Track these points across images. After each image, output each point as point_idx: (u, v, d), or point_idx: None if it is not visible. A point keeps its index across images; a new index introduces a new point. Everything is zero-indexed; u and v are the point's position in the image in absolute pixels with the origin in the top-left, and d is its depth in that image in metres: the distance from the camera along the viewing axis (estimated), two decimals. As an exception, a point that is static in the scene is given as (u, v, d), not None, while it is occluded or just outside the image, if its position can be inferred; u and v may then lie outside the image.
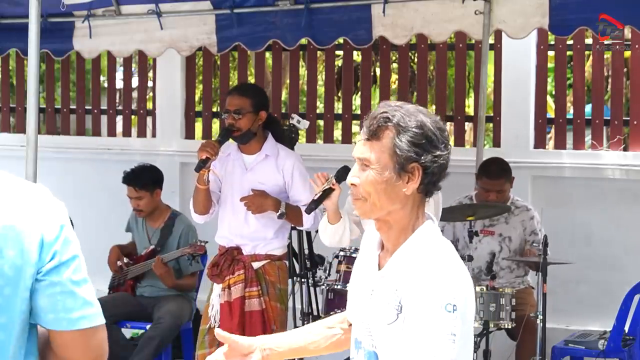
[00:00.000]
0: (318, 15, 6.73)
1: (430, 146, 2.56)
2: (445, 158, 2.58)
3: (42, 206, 2.18)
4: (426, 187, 2.60)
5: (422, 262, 2.53)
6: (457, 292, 2.49)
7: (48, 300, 2.14)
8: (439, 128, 2.59)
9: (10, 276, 2.10)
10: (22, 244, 2.12)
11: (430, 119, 2.60)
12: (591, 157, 7.58)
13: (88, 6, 6.90)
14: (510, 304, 5.99)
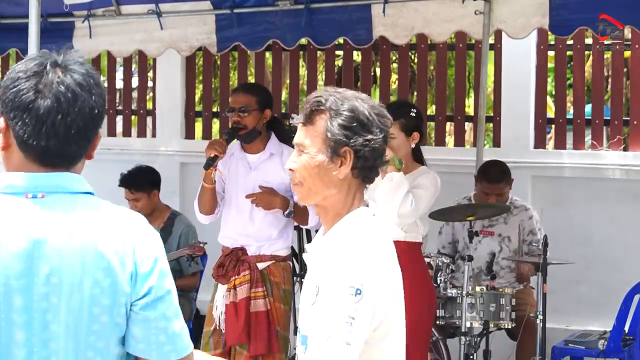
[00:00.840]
0: (318, 15, 6.73)
1: (362, 130, 2.58)
2: (378, 142, 2.59)
3: (136, 235, 2.18)
4: (361, 172, 2.61)
5: (337, 246, 2.56)
6: (364, 276, 2.48)
7: (141, 332, 2.16)
8: (376, 113, 2.63)
9: (106, 305, 2.11)
10: (115, 273, 2.12)
11: (367, 104, 2.63)
12: (591, 157, 7.58)
13: (88, 6, 6.90)
14: (510, 304, 5.99)
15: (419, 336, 5.32)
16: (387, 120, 2.64)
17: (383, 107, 2.66)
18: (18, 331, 2.07)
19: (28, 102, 2.11)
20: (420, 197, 5.20)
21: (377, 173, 2.65)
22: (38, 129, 2.10)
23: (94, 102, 2.21)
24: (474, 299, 5.87)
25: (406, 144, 5.27)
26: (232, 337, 5.37)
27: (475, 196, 6.67)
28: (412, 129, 5.27)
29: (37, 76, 2.14)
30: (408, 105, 5.45)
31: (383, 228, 2.64)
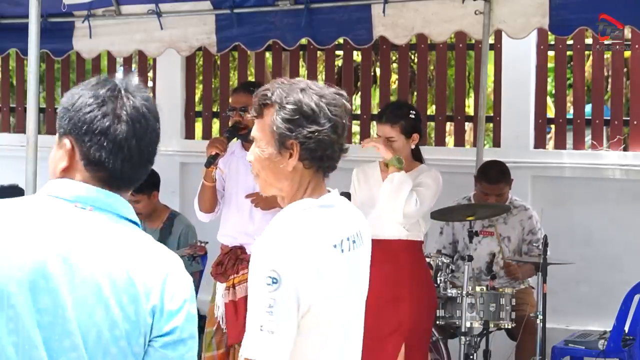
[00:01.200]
0: (318, 15, 6.73)
1: (305, 122, 2.60)
2: (324, 133, 2.61)
3: (170, 272, 2.17)
4: (312, 163, 2.64)
5: (260, 237, 2.61)
6: (281, 264, 2.49)
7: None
8: (327, 103, 2.64)
9: (126, 329, 2.10)
10: (140, 302, 2.11)
11: (316, 94, 2.64)
12: (591, 157, 7.58)
13: (88, 6, 6.90)
14: (510, 304, 5.99)
15: (420, 335, 5.33)
16: (340, 109, 2.67)
17: (339, 95, 2.69)
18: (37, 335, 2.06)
19: (106, 127, 2.16)
20: (424, 195, 5.21)
21: (333, 161, 2.67)
22: (115, 152, 2.15)
23: (158, 126, 2.25)
24: (474, 299, 5.87)
25: (406, 146, 5.29)
26: (232, 336, 5.37)
27: (475, 196, 6.67)
28: (412, 130, 5.28)
29: (112, 102, 2.20)
30: (406, 107, 5.45)
31: (326, 216, 2.64)
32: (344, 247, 2.63)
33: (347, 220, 2.69)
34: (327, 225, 2.62)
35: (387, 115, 5.31)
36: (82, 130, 2.17)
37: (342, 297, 2.61)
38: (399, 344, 5.23)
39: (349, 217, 2.71)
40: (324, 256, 2.57)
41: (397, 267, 5.25)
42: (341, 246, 2.61)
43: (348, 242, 2.64)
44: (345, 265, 2.62)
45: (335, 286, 2.59)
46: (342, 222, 2.66)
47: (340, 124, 2.66)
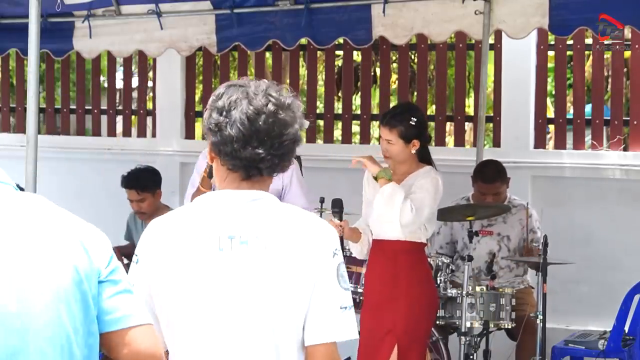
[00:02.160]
0: (318, 15, 6.73)
1: (215, 113, 2.61)
2: (225, 126, 2.58)
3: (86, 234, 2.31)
4: (223, 159, 2.63)
5: None
6: (142, 245, 2.66)
7: (112, 301, 2.26)
8: (234, 101, 2.59)
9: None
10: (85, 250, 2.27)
11: (237, 93, 2.61)
12: (591, 157, 7.58)
13: (88, 6, 6.90)
14: (510, 304, 5.99)
15: (415, 337, 5.31)
16: (254, 110, 2.58)
17: (270, 99, 2.60)
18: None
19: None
20: (420, 201, 5.19)
21: (239, 162, 2.60)
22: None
23: None
24: (474, 299, 5.87)
25: (405, 151, 5.28)
26: None
27: (473, 196, 6.68)
28: (412, 137, 5.26)
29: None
30: (409, 112, 5.36)
31: (211, 211, 2.62)
32: (221, 245, 2.57)
33: (238, 219, 2.59)
34: (203, 218, 2.61)
35: (388, 119, 5.31)
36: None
37: (204, 292, 2.57)
38: (392, 345, 5.23)
39: (244, 217, 2.59)
40: (181, 246, 2.59)
41: (395, 268, 5.26)
42: (219, 243, 2.57)
43: (230, 241, 2.57)
44: (218, 262, 2.57)
45: (193, 278, 2.57)
46: (226, 219, 2.59)
47: (248, 124, 2.56)
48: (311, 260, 2.57)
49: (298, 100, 2.66)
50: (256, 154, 2.57)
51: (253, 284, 2.56)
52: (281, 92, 2.63)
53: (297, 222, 2.62)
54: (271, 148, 2.58)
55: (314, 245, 2.59)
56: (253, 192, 2.62)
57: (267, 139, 2.57)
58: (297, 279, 2.56)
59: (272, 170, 2.64)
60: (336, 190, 7.29)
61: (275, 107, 2.58)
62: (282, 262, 2.57)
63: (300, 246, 2.58)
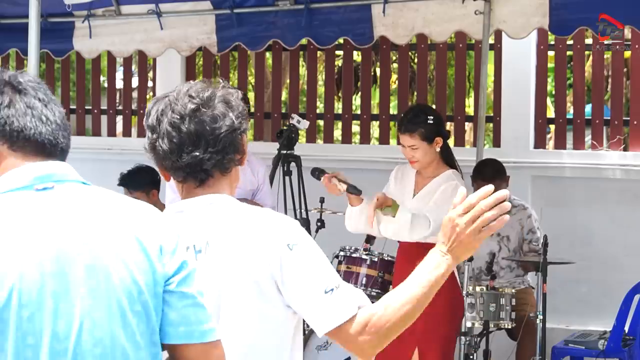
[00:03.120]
0: (318, 15, 6.73)
1: (149, 132, 2.55)
2: (157, 143, 2.51)
3: (153, 220, 2.14)
4: (171, 173, 2.57)
5: None
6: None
7: (179, 313, 2.09)
8: (160, 114, 2.52)
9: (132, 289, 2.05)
10: (149, 264, 2.07)
11: (161, 105, 2.55)
12: (591, 157, 7.58)
13: (88, 6, 6.90)
14: (510, 304, 5.99)
15: (434, 340, 5.26)
16: (177, 116, 2.50)
17: (192, 101, 2.51)
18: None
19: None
20: (437, 213, 5.11)
21: (182, 172, 2.52)
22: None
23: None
24: (474, 299, 5.87)
25: (430, 151, 5.25)
26: None
27: (474, 196, 6.67)
28: (434, 135, 5.25)
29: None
30: (423, 113, 5.35)
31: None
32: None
33: (194, 228, 2.51)
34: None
35: (405, 124, 5.27)
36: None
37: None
38: (413, 347, 5.22)
39: (199, 224, 2.51)
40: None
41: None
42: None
43: (190, 250, 2.47)
44: None
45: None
46: (185, 230, 2.44)
47: (176, 132, 2.48)
48: (262, 260, 2.48)
49: (230, 90, 2.56)
50: (194, 157, 2.49)
51: (216, 289, 2.47)
52: (203, 87, 2.53)
53: (248, 221, 2.53)
54: (208, 146, 2.49)
55: (262, 244, 2.49)
56: (207, 197, 2.54)
57: (198, 140, 2.49)
58: (255, 275, 2.48)
59: (222, 166, 2.54)
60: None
61: (195, 106, 2.49)
62: (233, 267, 2.48)
63: (248, 248, 2.49)
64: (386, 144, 8.38)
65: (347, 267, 6.17)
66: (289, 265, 2.48)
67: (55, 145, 2.18)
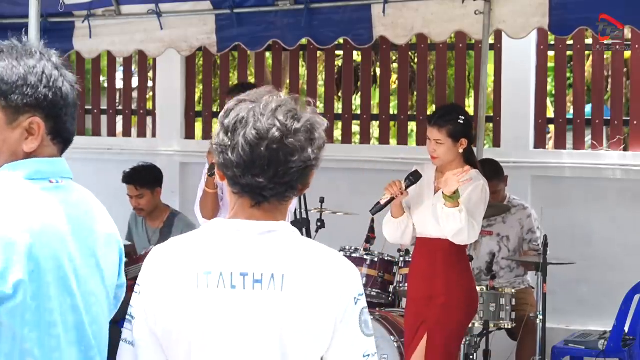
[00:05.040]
0: (318, 15, 6.73)
1: (222, 132, 2.40)
2: (228, 150, 2.36)
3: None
4: (229, 182, 2.43)
5: None
6: (142, 274, 2.37)
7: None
8: (240, 121, 2.37)
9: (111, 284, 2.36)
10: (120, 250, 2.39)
11: (244, 112, 2.42)
12: (591, 157, 7.58)
13: (88, 6, 6.90)
14: (510, 304, 5.99)
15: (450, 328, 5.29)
16: (256, 134, 2.33)
17: (274, 123, 2.34)
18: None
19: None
20: (475, 214, 5.20)
21: (240, 188, 2.37)
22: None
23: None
24: (474, 299, 5.87)
25: (453, 150, 5.28)
26: None
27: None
28: (460, 135, 5.27)
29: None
30: (456, 112, 5.41)
31: (220, 240, 2.38)
32: (230, 281, 2.33)
33: (253, 254, 2.35)
34: (212, 249, 2.36)
35: (436, 118, 5.33)
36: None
37: (216, 332, 2.32)
38: (423, 333, 5.26)
39: (261, 252, 2.35)
40: (181, 278, 2.34)
41: (433, 265, 5.27)
42: (221, 277, 2.33)
43: (242, 278, 2.33)
44: (231, 300, 2.32)
45: (182, 313, 2.32)
46: (240, 253, 2.34)
47: (249, 150, 2.32)
48: (331, 308, 2.33)
49: (317, 119, 2.38)
50: (257, 183, 2.33)
51: (268, 327, 2.32)
52: (292, 113, 2.35)
53: (317, 262, 2.36)
54: (275, 177, 2.32)
55: (335, 291, 2.33)
56: (266, 224, 2.36)
57: (268, 168, 2.31)
58: (314, 325, 2.32)
59: (281, 197, 2.37)
60: (336, 190, 7.31)
61: (280, 134, 2.31)
62: (299, 307, 2.32)
63: (320, 291, 2.33)
64: (386, 144, 8.37)
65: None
66: (349, 318, 2.35)
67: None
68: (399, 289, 6.16)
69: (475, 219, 5.19)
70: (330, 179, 7.64)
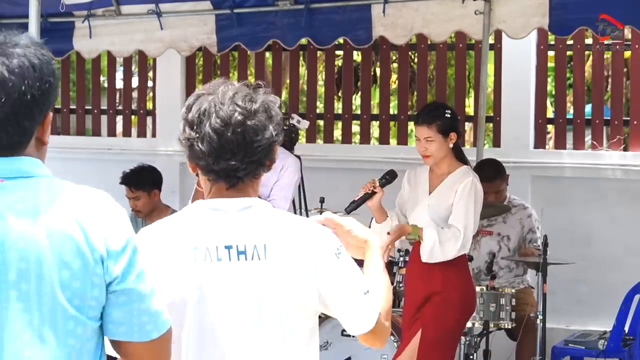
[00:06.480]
0: (318, 15, 6.73)
1: (187, 127, 2.56)
2: (196, 142, 2.52)
3: (105, 214, 2.14)
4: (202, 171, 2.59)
5: None
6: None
7: (121, 314, 2.13)
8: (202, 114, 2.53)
9: (77, 288, 2.08)
10: (85, 255, 2.08)
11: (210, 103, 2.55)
12: (591, 157, 7.58)
13: (88, 6, 6.90)
14: (510, 304, 5.99)
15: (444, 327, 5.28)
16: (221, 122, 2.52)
17: (237, 109, 2.53)
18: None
19: None
20: (466, 216, 5.18)
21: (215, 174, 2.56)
22: None
23: (27, 87, 2.12)
24: (474, 299, 5.87)
25: (444, 145, 5.29)
26: None
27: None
28: (449, 129, 5.29)
29: None
30: (442, 107, 5.46)
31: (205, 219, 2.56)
32: (215, 254, 2.52)
33: (234, 228, 2.54)
34: (196, 227, 2.55)
35: (424, 116, 5.34)
36: None
37: (189, 302, 2.51)
38: (418, 328, 5.27)
39: (242, 226, 2.54)
40: (171, 254, 2.52)
41: (431, 266, 5.27)
42: (207, 251, 2.52)
43: (227, 250, 2.52)
44: (218, 272, 2.51)
45: (176, 287, 2.51)
46: (222, 228, 2.54)
47: (216, 138, 2.50)
48: (314, 267, 2.53)
49: (271, 98, 2.59)
50: (230, 166, 2.53)
51: (256, 295, 2.52)
52: (249, 97, 2.55)
53: (295, 230, 2.57)
54: (245, 157, 2.53)
55: (315, 251, 2.54)
56: (244, 200, 2.57)
57: (238, 150, 2.52)
58: (299, 286, 2.53)
59: (252, 175, 2.58)
60: (336, 190, 7.30)
61: (242, 117, 2.52)
62: (284, 272, 2.52)
63: (301, 254, 2.53)
64: (386, 144, 8.38)
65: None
66: (336, 272, 2.55)
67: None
68: (398, 289, 6.16)
69: (467, 219, 5.17)
70: (330, 179, 7.65)
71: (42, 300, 2.05)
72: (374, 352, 5.85)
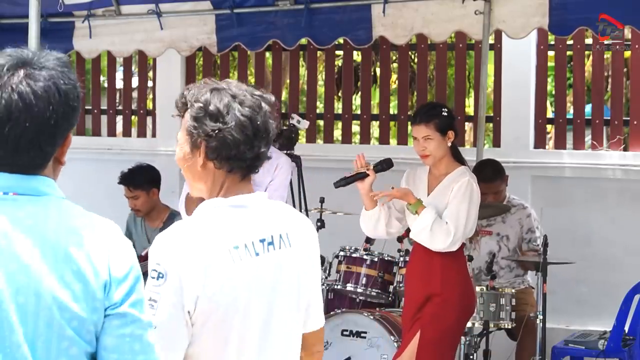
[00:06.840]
0: (318, 15, 6.73)
1: (209, 119, 2.56)
2: (228, 132, 2.54)
3: (110, 242, 2.10)
4: (221, 162, 2.59)
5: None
6: (166, 261, 2.48)
7: (115, 341, 2.08)
8: (240, 103, 2.57)
9: (76, 310, 2.03)
10: (87, 279, 2.05)
11: (228, 95, 2.58)
12: (591, 157, 7.58)
13: (88, 6, 6.90)
14: (510, 304, 6.00)
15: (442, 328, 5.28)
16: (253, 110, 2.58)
17: (259, 97, 2.62)
18: None
19: None
20: (458, 215, 5.18)
21: (242, 162, 2.59)
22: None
23: (51, 113, 2.12)
24: (474, 299, 5.87)
25: (443, 144, 5.30)
26: None
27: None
28: (447, 127, 5.29)
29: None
30: (439, 106, 5.49)
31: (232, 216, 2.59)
32: (253, 250, 2.57)
33: (261, 221, 2.62)
34: (229, 226, 2.58)
35: (421, 115, 5.35)
36: None
37: (242, 301, 2.55)
38: (417, 329, 5.26)
39: (266, 218, 2.63)
40: (215, 256, 2.52)
41: (430, 266, 5.27)
42: (247, 249, 2.56)
43: (262, 244, 2.59)
44: (249, 268, 2.56)
45: (229, 289, 2.53)
46: (252, 223, 2.60)
47: (250, 125, 2.57)
48: (317, 254, 2.77)
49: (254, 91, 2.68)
50: (261, 153, 2.60)
51: (290, 284, 2.66)
52: (253, 88, 2.66)
53: (299, 218, 2.76)
54: (267, 145, 2.63)
55: (316, 240, 2.76)
56: (256, 195, 2.65)
57: (264, 136, 2.60)
58: (315, 273, 2.75)
59: (261, 166, 2.68)
60: (336, 190, 7.29)
61: (267, 106, 2.62)
62: (306, 256, 2.71)
63: (312, 242, 2.74)
64: (386, 144, 8.38)
65: (347, 267, 6.18)
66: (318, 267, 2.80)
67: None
68: (398, 289, 6.16)
69: (458, 219, 5.17)
70: (330, 179, 7.61)
71: (38, 315, 2.02)
72: (374, 352, 5.85)
